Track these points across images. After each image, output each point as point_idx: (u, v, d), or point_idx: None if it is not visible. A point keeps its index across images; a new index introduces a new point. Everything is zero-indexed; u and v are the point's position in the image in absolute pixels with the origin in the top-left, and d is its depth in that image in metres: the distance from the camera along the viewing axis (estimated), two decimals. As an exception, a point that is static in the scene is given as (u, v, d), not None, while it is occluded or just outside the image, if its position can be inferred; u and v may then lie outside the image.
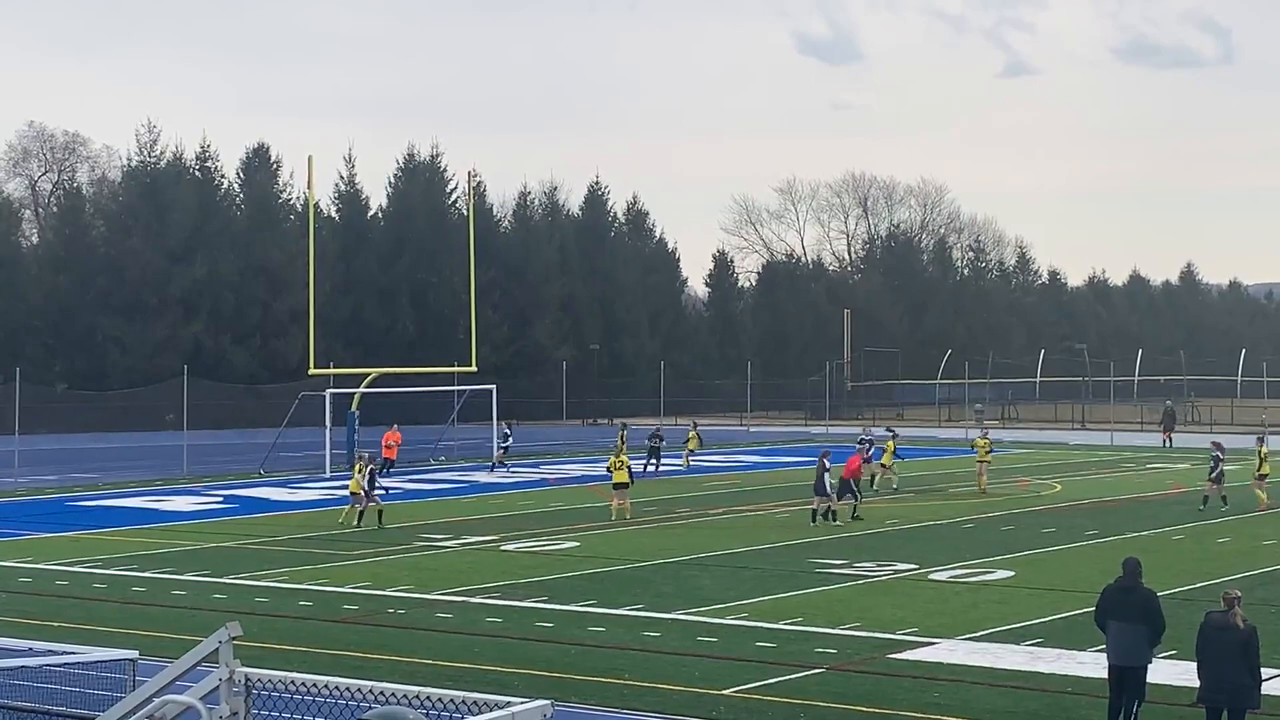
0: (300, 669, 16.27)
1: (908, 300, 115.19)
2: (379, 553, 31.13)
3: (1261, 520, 36.37)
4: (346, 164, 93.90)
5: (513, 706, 7.29)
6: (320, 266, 58.25)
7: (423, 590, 26.18)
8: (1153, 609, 16.23)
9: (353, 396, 54.86)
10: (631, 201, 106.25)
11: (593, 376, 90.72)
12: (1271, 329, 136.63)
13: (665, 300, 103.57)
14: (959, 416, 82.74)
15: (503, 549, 31.74)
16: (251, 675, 8.31)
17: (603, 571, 28.47)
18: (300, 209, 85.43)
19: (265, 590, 26.45)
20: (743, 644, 21.39)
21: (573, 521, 36.40)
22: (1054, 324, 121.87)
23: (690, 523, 36.28)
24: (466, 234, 60.26)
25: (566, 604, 24.67)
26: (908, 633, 22.03)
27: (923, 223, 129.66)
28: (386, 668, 19.18)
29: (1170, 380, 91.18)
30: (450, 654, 20.60)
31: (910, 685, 18.87)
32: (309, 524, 36.47)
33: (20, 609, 24.28)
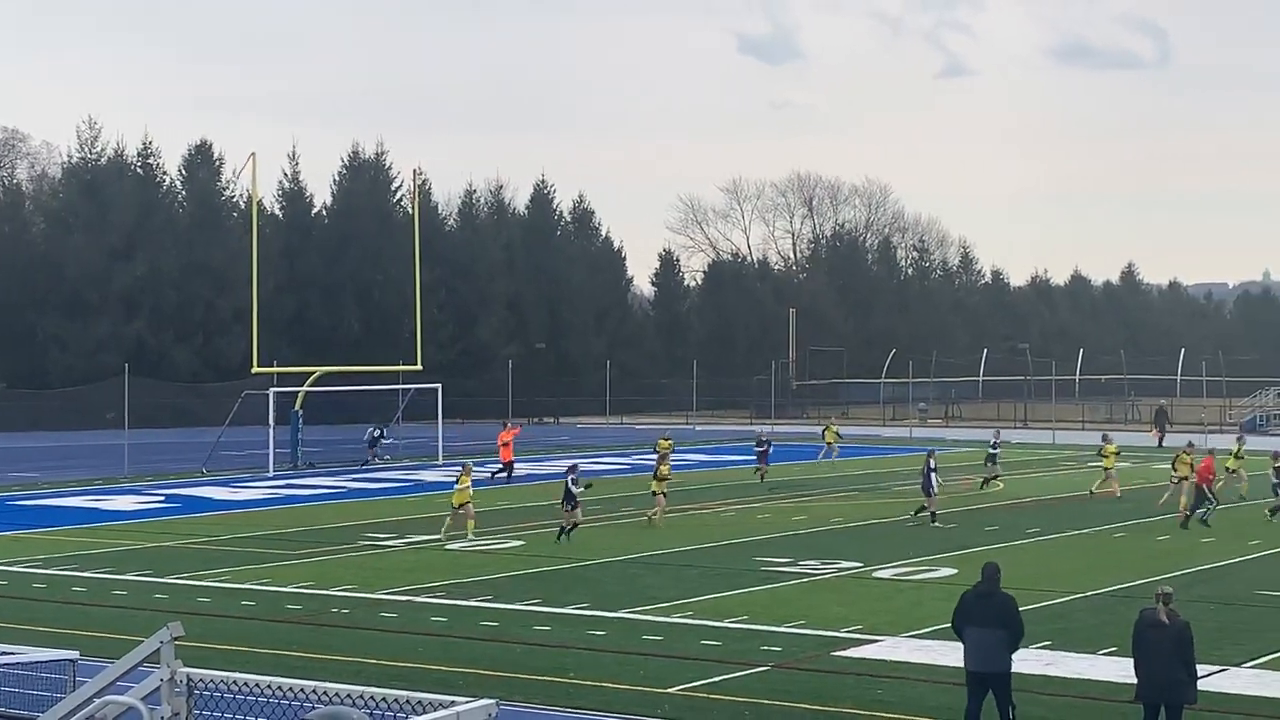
0: (243, 669, 16.18)
1: (852, 299, 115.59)
2: (322, 552, 30.99)
3: (1201, 518, 36.67)
4: (290, 161, 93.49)
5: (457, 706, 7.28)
6: (264, 264, 57.99)
7: (367, 589, 26.09)
8: (1011, 614, 15.97)
9: (296, 395, 54.61)
10: (578, 200, 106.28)
11: (539, 375, 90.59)
12: (1210, 329, 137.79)
13: (611, 299, 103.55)
14: (903, 415, 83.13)
15: (448, 548, 31.66)
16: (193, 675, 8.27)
17: (548, 570, 28.44)
18: (243, 207, 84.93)
19: (207, 590, 26.30)
20: (688, 642, 21.42)
21: (518, 520, 36.34)
22: (997, 323, 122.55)
23: (636, 521, 36.28)
24: (412, 232, 60.09)
25: (512, 603, 24.63)
26: (852, 630, 22.12)
27: (867, 222, 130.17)
28: (330, 667, 19.10)
29: (1111, 379, 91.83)
30: (394, 653, 20.53)
31: (854, 683, 18.95)
32: (252, 523, 36.26)
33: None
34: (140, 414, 59.94)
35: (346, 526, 35.32)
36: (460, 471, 33.93)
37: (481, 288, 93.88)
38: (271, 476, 48.97)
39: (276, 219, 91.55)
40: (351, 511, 38.77)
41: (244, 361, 61.13)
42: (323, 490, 44.96)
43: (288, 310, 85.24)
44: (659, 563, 29.35)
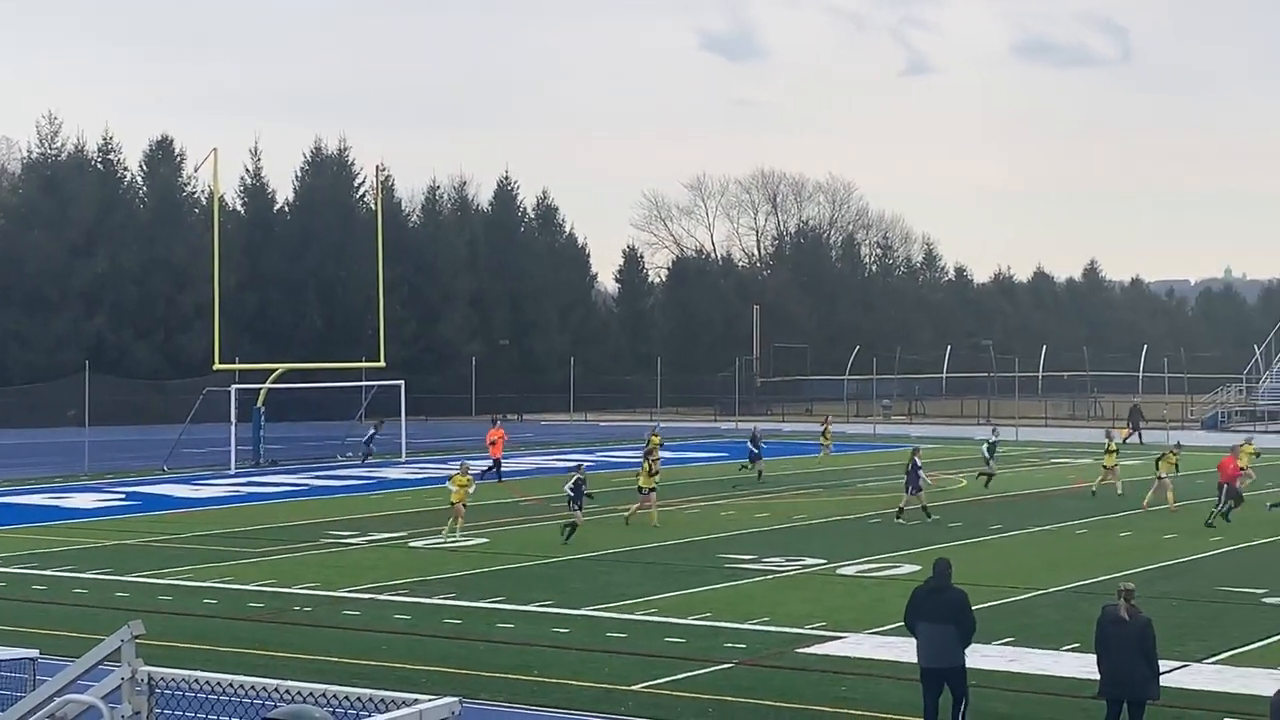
0: (204, 667, 16.09)
1: (817, 296, 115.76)
2: (285, 550, 30.87)
3: (1162, 515, 36.86)
4: (252, 157, 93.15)
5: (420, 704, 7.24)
6: (225, 261, 57.70)
7: (330, 587, 25.99)
8: (961, 609, 15.96)
9: (258, 392, 54.39)
10: (541, 197, 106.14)
11: (502, 372, 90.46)
12: (1172, 325, 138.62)
13: (575, 296, 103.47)
14: (867, 411, 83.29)
15: (411, 545, 31.58)
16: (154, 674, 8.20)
17: (512, 568, 28.39)
18: (205, 203, 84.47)
19: (169, 588, 26.16)
20: (652, 639, 21.41)
21: (481, 518, 36.26)
22: (960, 320, 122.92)
23: (600, 518, 36.23)
24: (374, 229, 59.90)
25: (475, 601, 24.58)
26: (816, 627, 22.14)
27: (831, 219, 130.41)
28: (292, 666, 19.02)
29: (1074, 376, 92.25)
30: (357, 651, 20.45)
31: (818, 679, 18.96)
32: (213, 521, 36.09)
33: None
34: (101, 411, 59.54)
35: (309, 524, 35.18)
36: (458, 470, 33.39)
37: (445, 284, 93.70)
38: (233, 474, 48.77)
39: (238, 215, 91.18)
40: (314, 509, 38.64)
41: (205, 358, 60.77)
42: (285, 488, 44.79)
43: (250, 307, 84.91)
44: (623, 560, 29.33)
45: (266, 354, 71.90)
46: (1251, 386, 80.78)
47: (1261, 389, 79.92)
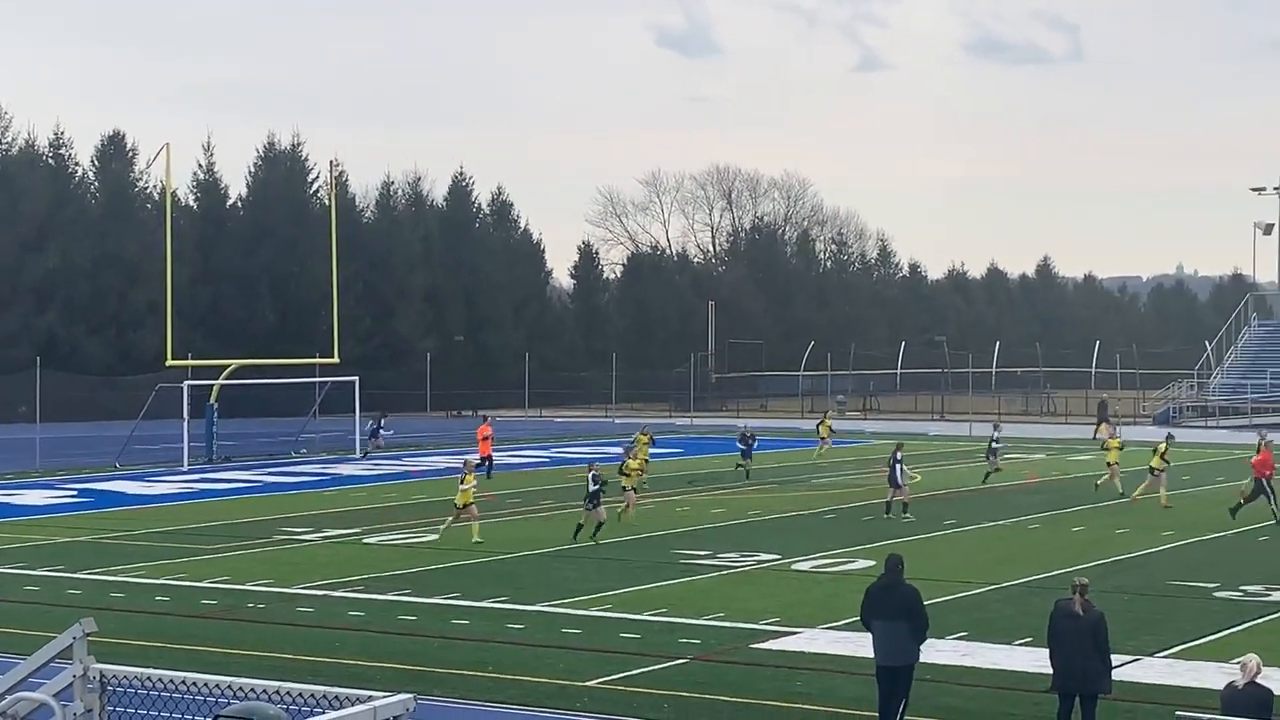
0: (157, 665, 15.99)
1: (771, 292, 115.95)
2: (238, 546, 30.74)
3: (1115, 510, 37.12)
4: (205, 152, 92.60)
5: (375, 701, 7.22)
6: (178, 256, 57.42)
7: (283, 584, 25.88)
8: (913, 606, 15.97)
9: (211, 388, 54.12)
10: (496, 193, 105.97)
11: (457, 368, 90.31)
12: (1124, 321, 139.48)
13: (530, 292, 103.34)
14: (821, 407, 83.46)
15: (365, 542, 31.49)
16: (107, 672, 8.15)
17: (467, 564, 28.35)
18: (157, 198, 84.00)
19: (121, 585, 26.01)
20: (607, 635, 21.41)
21: (436, 514, 36.18)
22: (914, 316, 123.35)
23: (554, 514, 36.23)
24: (328, 224, 59.66)
25: (430, 597, 24.53)
26: (771, 622, 22.19)
27: (786, 215, 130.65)
28: (246, 663, 18.94)
29: (1027, 372, 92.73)
30: (311, 648, 20.38)
31: (773, 674, 19.01)
32: (166, 518, 35.88)
33: None
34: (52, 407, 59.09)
35: (262, 521, 35.04)
36: (463, 470, 32.15)
37: (399, 280, 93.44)
38: (186, 470, 48.51)
39: (191, 210, 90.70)
40: (267, 506, 38.48)
41: (158, 354, 60.46)
42: (238, 484, 44.58)
43: (202, 302, 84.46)
44: (578, 556, 29.32)
45: (220, 350, 71.52)
46: (1203, 382, 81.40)
47: (1213, 384, 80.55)
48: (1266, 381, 78.10)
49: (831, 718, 17.05)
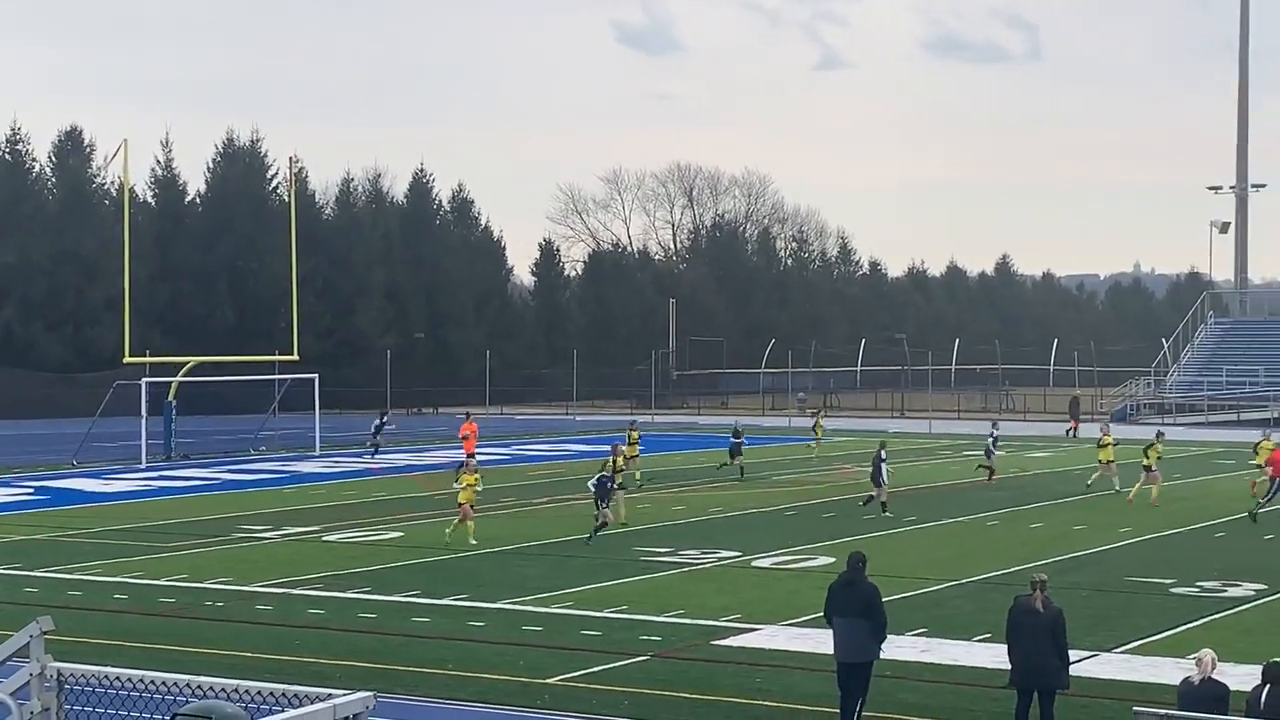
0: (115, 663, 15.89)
1: (732, 290, 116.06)
2: (197, 544, 30.60)
3: (1073, 506, 37.32)
4: (163, 148, 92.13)
5: (335, 699, 7.19)
6: (136, 253, 57.03)
7: (242, 582, 25.78)
8: (873, 603, 16.02)
9: (170, 385, 53.86)
10: (457, 189, 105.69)
11: (418, 365, 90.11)
12: (1082, 319, 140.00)
13: (491, 289, 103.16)
14: (782, 405, 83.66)
15: (325, 539, 31.39)
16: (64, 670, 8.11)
17: (427, 561, 28.30)
18: (115, 194, 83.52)
19: (79, 583, 25.86)
20: (568, 632, 21.41)
21: (397, 511, 36.12)
22: (875, 314, 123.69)
23: (515, 512, 36.21)
24: (288, 221, 59.43)
25: (390, 594, 24.48)
26: (731, 619, 22.23)
27: (747, 213, 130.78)
28: (205, 661, 18.88)
29: (986, 369, 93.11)
30: (271, 646, 20.30)
31: (734, 671, 19.04)
32: (124, 516, 35.67)
33: None
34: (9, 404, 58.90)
35: (221, 518, 34.89)
36: (463, 470, 31.65)
37: (359, 277, 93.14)
38: (144, 468, 48.26)
39: (149, 207, 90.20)
40: (226, 503, 38.32)
41: (116, 351, 60.08)
42: (197, 482, 44.39)
43: (161, 299, 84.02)
44: (539, 553, 29.30)
45: (178, 347, 71.24)
46: (1160, 379, 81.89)
47: (1170, 382, 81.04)
48: (1223, 379, 78.64)
49: (791, 714, 17.09)
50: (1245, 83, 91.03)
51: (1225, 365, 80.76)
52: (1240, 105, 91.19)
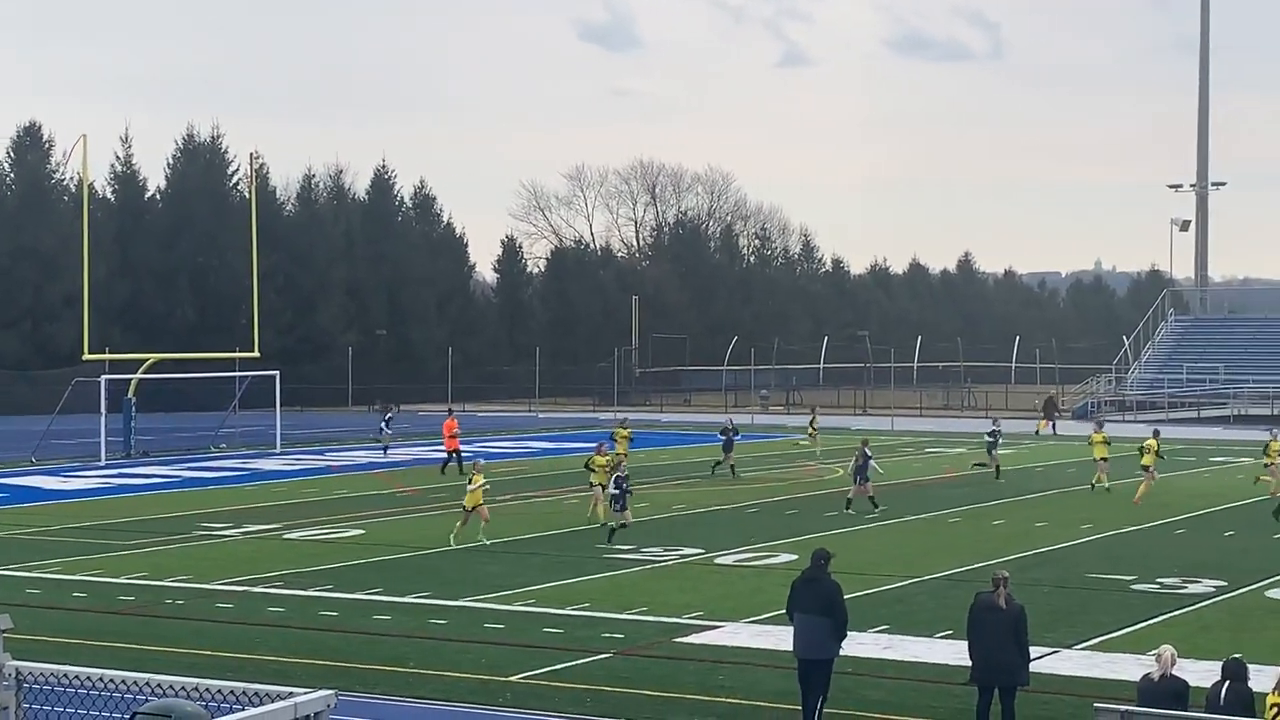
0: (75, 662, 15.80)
1: (695, 287, 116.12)
2: (157, 542, 30.45)
3: (1035, 503, 37.49)
4: (123, 144, 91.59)
5: (295, 697, 7.15)
6: (95, 249, 56.76)
7: (202, 580, 25.66)
8: (834, 601, 16.07)
9: (129, 383, 53.58)
10: (419, 186, 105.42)
11: (380, 362, 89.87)
12: (1044, 316, 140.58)
13: (453, 286, 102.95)
14: (745, 402, 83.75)
15: (286, 537, 31.27)
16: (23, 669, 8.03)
17: (389, 559, 28.22)
18: (74, 190, 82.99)
19: (38, 581, 25.69)
20: (530, 630, 21.38)
21: (358, 509, 36.02)
22: (837, 311, 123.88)
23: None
24: (248, 217, 59.19)
25: (351, 592, 24.40)
26: (694, 617, 22.24)
27: (710, 210, 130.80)
28: (164, 659, 18.79)
29: (948, 366, 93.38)
30: (231, 645, 20.21)
31: (696, 668, 19.04)
32: (83, 513, 35.46)
33: None
34: (-33, 402, 58.40)
35: (181, 516, 34.72)
36: (473, 471, 30.93)
37: (321, 274, 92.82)
38: (104, 465, 48.00)
39: (108, 203, 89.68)
40: (186, 501, 38.13)
41: (75, 348, 59.71)
42: (157, 479, 44.16)
43: (120, 296, 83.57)
44: (501, 551, 29.25)
45: (138, 344, 70.88)
46: (1121, 377, 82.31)
47: (1130, 379, 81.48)
48: (1183, 376, 79.11)
49: (754, 711, 17.10)
50: (1205, 81, 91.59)
51: (1186, 363, 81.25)
52: (1201, 104, 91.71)
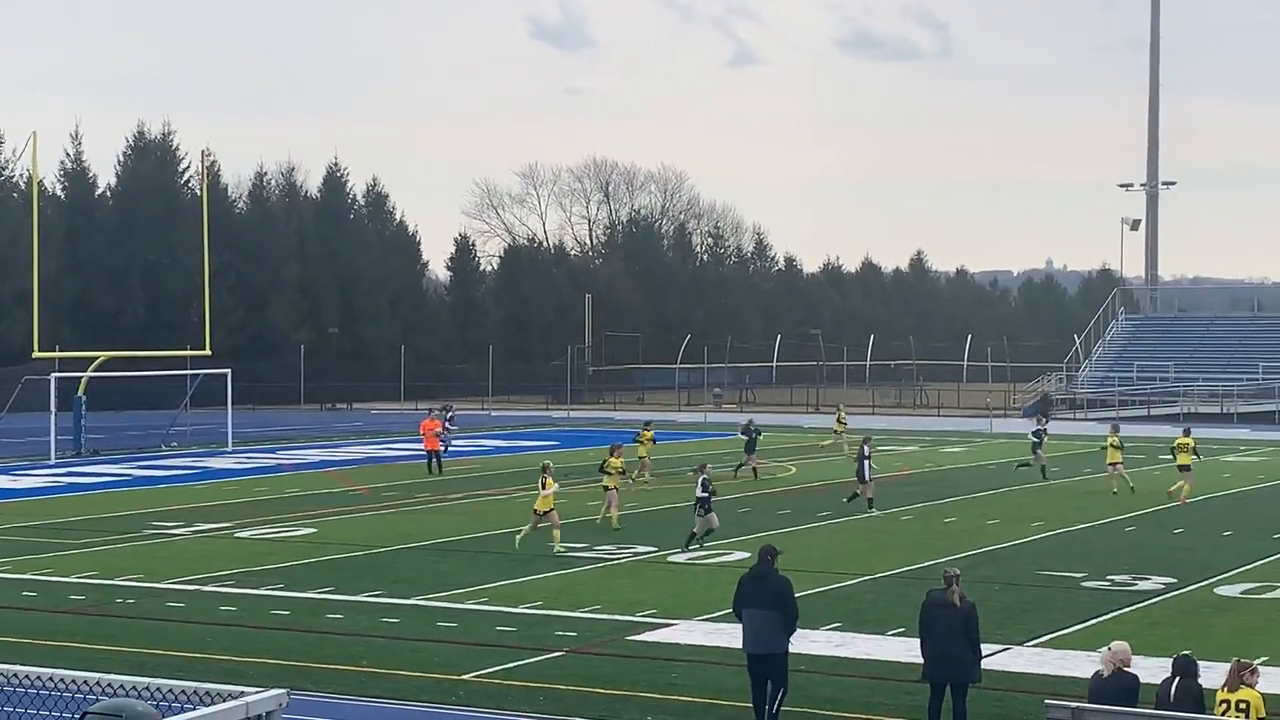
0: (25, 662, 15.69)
1: (648, 285, 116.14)
2: (107, 541, 30.26)
3: (986, 500, 37.67)
4: (73, 141, 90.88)
5: (247, 696, 7.13)
6: (45, 247, 56.36)
7: (153, 579, 25.52)
8: (783, 595, 16.19)
9: (79, 381, 53.22)
10: (371, 184, 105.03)
11: (332, 360, 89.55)
12: (995, 315, 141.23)
13: (406, 284, 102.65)
14: (698, 400, 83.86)
15: (237, 536, 31.12)
16: (-30, 669, 7.98)
17: (341, 558, 28.13)
18: (24, 187, 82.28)
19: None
20: (483, 629, 21.36)
21: (310, 507, 35.88)
22: (790, 309, 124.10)
23: (431, 507, 36.07)
24: (200, 215, 58.86)
25: (303, 591, 24.31)
26: (647, 614, 22.26)
27: (663, 209, 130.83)
28: (115, 659, 18.68)
29: (900, 364, 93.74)
30: (182, 644, 20.11)
31: (649, 666, 19.06)
32: (32, 512, 35.18)
33: None
34: (-86, 400, 57.66)
35: (132, 515, 34.51)
36: (544, 475, 29.44)
37: (272, 271, 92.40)
38: (53, 464, 47.67)
39: (58, 200, 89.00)
40: (137, 500, 37.89)
41: (24, 346, 59.22)
42: (107, 478, 43.88)
43: (70, 294, 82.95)
44: (453, 549, 29.20)
45: (88, 342, 70.38)
46: (1072, 375, 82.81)
47: (1081, 378, 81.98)
48: (1134, 374, 79.66)
49: (707, 708, 17.13)
50: (1156, 81, 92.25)
51: (1136, 361, 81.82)
52: (1151, 103, 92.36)
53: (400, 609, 22.86)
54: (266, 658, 19.31)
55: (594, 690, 17.75)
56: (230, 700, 7.11)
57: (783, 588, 16.24)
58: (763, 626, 16.10)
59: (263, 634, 20.98)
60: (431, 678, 18.35)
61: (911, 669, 17.02)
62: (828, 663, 18.95)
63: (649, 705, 17.21)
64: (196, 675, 17.22)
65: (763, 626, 16.10)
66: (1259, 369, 77.40)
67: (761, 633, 16.11)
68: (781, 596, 16.15)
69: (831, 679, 18.20)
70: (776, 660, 16.15)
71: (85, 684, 7.52)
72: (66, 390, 51.99)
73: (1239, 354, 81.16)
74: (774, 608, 16.09)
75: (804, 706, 16.82)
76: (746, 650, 16.35)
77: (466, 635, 20.90)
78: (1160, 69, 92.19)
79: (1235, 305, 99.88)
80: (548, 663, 19.22)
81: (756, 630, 16.16)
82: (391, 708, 17.18)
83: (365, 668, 18.83)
